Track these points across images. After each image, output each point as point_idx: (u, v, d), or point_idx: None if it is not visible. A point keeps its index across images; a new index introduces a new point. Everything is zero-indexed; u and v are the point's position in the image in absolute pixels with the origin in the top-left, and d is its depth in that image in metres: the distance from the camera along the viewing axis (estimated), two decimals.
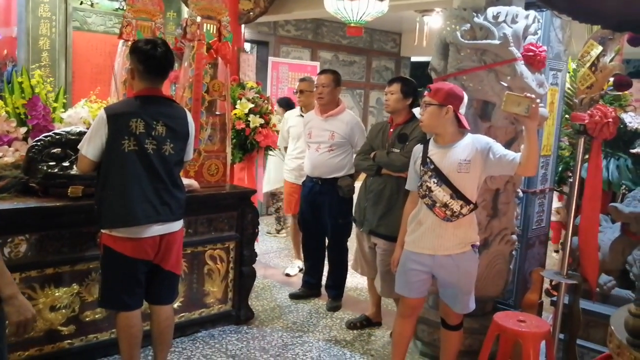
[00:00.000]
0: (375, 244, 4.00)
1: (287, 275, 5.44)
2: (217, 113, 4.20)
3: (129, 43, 4.12)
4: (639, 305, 1.72)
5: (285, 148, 5.43)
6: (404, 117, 3.94)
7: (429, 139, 3.22)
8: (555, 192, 4.70)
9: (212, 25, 4.07)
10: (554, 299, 3.47)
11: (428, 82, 3.32)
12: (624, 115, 5.07)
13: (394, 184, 3.84)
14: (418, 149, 3.22)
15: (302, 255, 5.40)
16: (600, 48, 3.27)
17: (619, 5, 2.01)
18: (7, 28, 5.33)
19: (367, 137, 4.22)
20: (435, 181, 3.01)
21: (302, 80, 5.36)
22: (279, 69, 8.43)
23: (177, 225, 3.05)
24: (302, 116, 5.12)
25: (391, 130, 3.96)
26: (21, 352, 3.18)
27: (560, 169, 4.91)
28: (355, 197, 4.35)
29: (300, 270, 5.40)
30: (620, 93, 4.79)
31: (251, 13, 6.10)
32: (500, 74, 3.35)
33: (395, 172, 3.82)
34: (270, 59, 8.47)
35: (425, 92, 3.12)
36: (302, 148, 5.10)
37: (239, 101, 5.86)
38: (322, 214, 4.62)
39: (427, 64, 3.75)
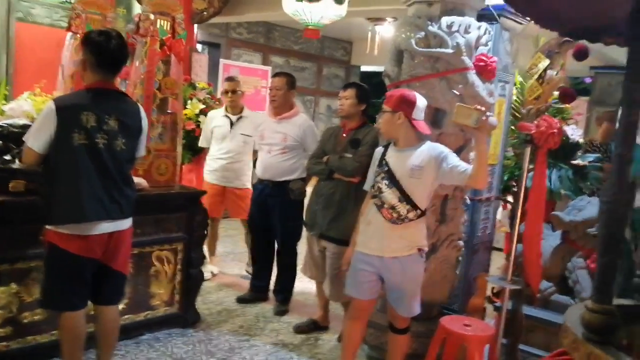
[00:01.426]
0: (325, 248, 3.99)
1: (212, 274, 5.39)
2: (168, 112, 4.11)
3: (78, 36, 4.00)
4: (595, 301, 1.77)
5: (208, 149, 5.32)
6: (357, 122, 3.96)
7: (389, 142, 3.24)
8: (500, 200, 4.81)
9: (165, 22, 3.98)
10: (497, 304, 3.54)
11: (378, 92, 3.36)
12: (566, 128, 5.24)
13: (345, 188, 3.85)
14: (379, 151, 3.25)
15: (217, 259, 5.52)
16: (547, 61, 3.38)
17: (575, 11, 2.06)
18: None
19: (319, 141, 4.22)
20: (387, 183, 3.05)
21: (228, 79, 5.26)
22: (230, 72, 8.33)
23: (127, 224, 2.95)
24: (228, 117, 5.07)
25: (344, 135, 3.98)
26: None
27: (505, 178, 5.04)
28: (306, 200, 4.33)
29: (214, 275, 5.38)
30: (563, 106, 4.96)
31: (205, 13, 6.05)
32: (452, 82, 3.42)
33: (346, 177, 3.83)
34: (222, 61, 8.38)
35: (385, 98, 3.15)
36: (227, 149, 5.04)
37: (189, 101, 5.78)
38: (272, 217, 4.58)
39: (377, 73, 3.80)
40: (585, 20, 2.09)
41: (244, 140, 5.03)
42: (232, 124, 5.03)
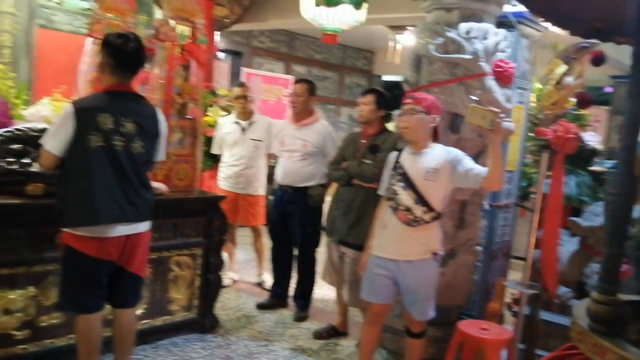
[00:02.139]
0: (344, 254, 3.96)
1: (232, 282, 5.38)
2: (188, 117, 4.11)
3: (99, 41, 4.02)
4: (600, 292, 1.74)
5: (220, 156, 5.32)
6: (376, 128, 3.94)
7: (402, 148, 3.22)
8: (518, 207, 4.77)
9: (185, 27, 3.99)
10: (515, 310, 3.50)
11: (399, 101, 3.34)
12: (584, 134, 5.21)
13: (364, 194, 3.83)
14: (393, 155, 3.23)
15: (236, 266, 5.52)
16: (564, 67, 3.37)
17: (588, 11, 2.05)
18: None
19: (339, 147, 4.20)
20: (402, 185, 3.05)
21: (239, 85, 5.25)
22: (252, 80, 8.36)
23: (144, 227, 2.94)
24: (238, 123, 5.06)
25: (363, 141, 3.96)
26: None
27: (524, 185, 4.99)
28: (326, 207, 4.30)
29: (234, 281, 5.39)
30: (581, 112, 4.96)
31: (226, 20, 6.06)
32: (470, 88, 3.43)
33: (365, 183, 3.80)
34: (243, 69, 8.41)
35: (408, 100, 3.10)
36: (238, 155, 5.04)
37: (210, 108, 5.80)
38: (291, 223, 4.56)
39: (398, 83, 3.79)
40: (597, 21, 2.10)
41: (255, 145, 5.02)
42: (242, 129, 5.02)
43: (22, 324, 3.20)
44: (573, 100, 3.62)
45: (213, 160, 5.54)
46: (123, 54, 2.81)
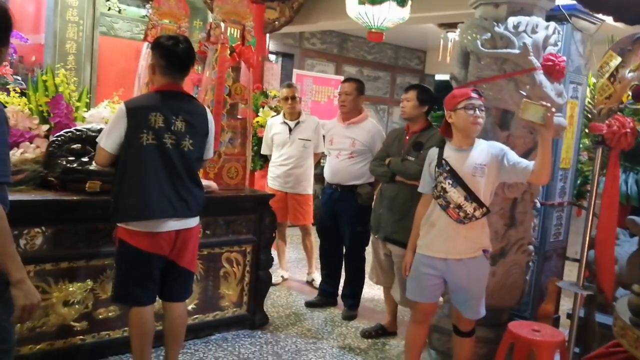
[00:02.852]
0: (391, 252, 3.96)
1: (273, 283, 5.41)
2: (238, 117, 4.20)
3: None
4: None
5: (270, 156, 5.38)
6: (420, 125, 3.93)
7: (443, 142, 3.19)
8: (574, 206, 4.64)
9: (236, 30, 4.09)
10: (571, 312, 3.42)
11: None
12: None
13: (407, 191, 3.81)
14: (433, 152, 3.21)
15: (287, 265, 5.54)
16: (619, 59, 3.27)
17: None
18: (37, 35, 5.42)
19: (383, 144, 4.20)
20: (450, 182, 3.01)
21: (287, 86, 5.29)
22: (304, 82, 8.45)
23: (194, 222, 3.02)
24: (286, 123, 5.13)
25: (407, 137, 3.94)
26: (32, 346, 3.16)
27: (578, 182, 4.87)
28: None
29: (284, 279, 5.44)
30: (638, 107, 4.79)
31: (276, 22, 6.16)
32: (519, 83, 3.37)
33: (408, 180, 3.79)
34: (295, 71, 8.51)
35: (474, 95, 3.06)
36: (287, 155, 5.10)
37: (261, 109, 5.90)
38: (340, 221, 4.59)
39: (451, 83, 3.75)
40: None
41: (304, 145, 5.09)
42: (290, 130, 5.09)
43: (80, 315, 3.34)
44: (629, 93, 3.51)
45: (264, 160, 5.64)
46: (173, 55, 2.90)
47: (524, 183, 3.35)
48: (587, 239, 3.28)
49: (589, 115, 4.63)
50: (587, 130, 4.53)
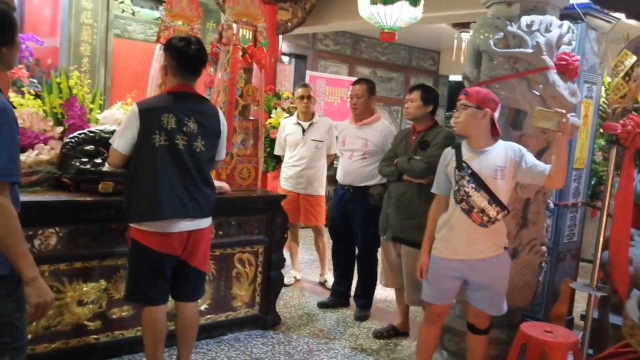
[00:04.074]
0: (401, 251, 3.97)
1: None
2: (250, 118, 4.22)
3: None
4: None
5: (283, 156, 5.39)
6: (425, 124, 3.94)
7: (459, 143, 3.17)
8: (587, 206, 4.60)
9: (247, 31, 4.11)
10: (585, 313, 3.39)
11: None
12: None
13: (414, 189, 3.84)
14: (449, 152, 3.17)
15: (299, 265, 5.55)
16: (634, 58, 3.24)
17: None
18: (52, 38, 5.47)
19: (392, 144, 4.21)
20: (473, 186, 2.97)
21: (302, 86, 5.31)
22: (317, 83, 8.46)
23: (206, 222, 3.04)
24: (300, 124, 5.13)
25: (413, 137, 3.96)
26: (47, 344, 3.20)
27: (593, 183, 4.83)
28: None
29: (297, 280, 5.45)
30: None
31: (289, 23, 6.17)
32: (532, 82, 3.35)
33: (415, 179, 3.81)
34: (308, 72, 8.52)
35: (461, 95, 3.08)
36: (299, 156, 5.11)
37: (274, 110, 5.91)
38: (352, 222, 4.59)
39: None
40: None
41: (316, 146, 5.09)
42: (303, 130, 5.10)
43: (94, 315, 3.38)
44: None
45: (277, 161, 5.65)
46: (185, 56, 2.91)
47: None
48: (601, 239, 3.25)
49: (604, 115, 4.60)
50: (601, 130, 4.50)
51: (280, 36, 6.70)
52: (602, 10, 3.87)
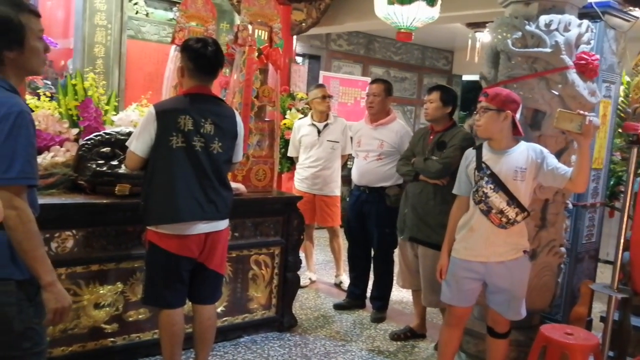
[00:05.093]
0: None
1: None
2: (266, 119, 4.19)
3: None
4: None
5: (297, 158, 5.37)
6: (443, 125, 3.91)
7: (480, 144, 3.14)
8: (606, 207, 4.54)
9: (263, 31, 4.09)
10: (604, 314, 3.35)
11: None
12: None
13: (430, 190, 3.82)
14: (470, 153, 3.14)
15: (315, 267, 5.51)
16: None
17: None
18: (66, 39, 5.47)
19: (409, 143, 4.18)
20: (492, 187, 2.94)
21: (319, 86, 5.31)
22: (330, 83, 8.42)
23: (223, 224, 3.02)
24: (315, 125, 5.10)
25: (431, 137, 3.93)
26: (65, 348, 3.20)
27: (612, 183, 4.77)
28: None
29: (312, 281, 5.43)
30: None
31: (303, 24, 6.14)
32: (551, 82, 3.33)
33: (431, 179, 3.78)
34: (322, 73, 8.48)
35: (482, 97, 3.04)
36: (315, 157, 5.08)
37: (289, 111, 5.89)
38: (368, 223, 4.56)
39: (478, 82, 3.70)
40: None
41: (332, 147, 5.07)
42: (319, 131, 5.07)
43: (111, 318, 3.37)
44: None
45: (291, 162, 5.62)
46: (202, 57, 2.89)
47: None
48: (622, 240, 3.21)
49: (622, 115, 4.54)
50: (620, 130, 4.45)
51: (295, 37, 6.68)
52: (621, 8, 3.82)
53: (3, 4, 1.87)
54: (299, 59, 8.17)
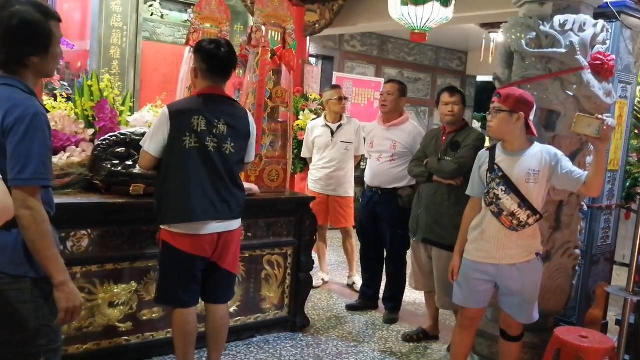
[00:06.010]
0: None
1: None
2: (279, 120, 4.21)
3: None
4: None
5: (310, 159, 5.38)
6: (457, 125, 3.93)
7: (494, 144, 3.13)
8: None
9: (276, 33, 4.10)
10: (619, 318, 3.32)
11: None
12: None
13: (444, 191, 3.82)
14: (483, 154, 3.13)
15: (327, 267, 5.52)
16: None
17: None
18: (82, 41, 5.54)
19: (421, 144, 4.18)
20: (503, 189, 2.92)
21: (335, 87, 5.32)
22: (344, 84, 8.41)
23: (236, 224, 3.03)
24: (328, 126, 5.11)
25: (444, 138, 3.93)
26: (79, 346, 3.23)
27: (627, 184, 4.73)
28: None
29: (325, 282, 5.43)
30: None
31: (317, 25, 6.16)
32: (565, 83, 3.30)
33: (445, 180, 3.78)
34: (335, 74, 8.48)
35: (494, 98, 3.03)
36: (329, 158, 5.09)
37: (302, 112, 5.90)
38: (381, 224, 4.56)
39: (493, 84, 3.69)
40: None
41: (346, 148, 5.08)
42: (332, 132, 5.08)
43: (125, 316, 3.40)
44: None
45: (304, 163, 5.64)
46: (215, 58, 2.92)
47: None
48: (638, 242, 3.18)
49: (639, 115, 4.50)
50: (636, 131, 4.41)
51: (308, 38, 6.70)
52: (637, 8, 3.78)
53: (35, 10, 1.90)
54: (312, 60, 8.19)
